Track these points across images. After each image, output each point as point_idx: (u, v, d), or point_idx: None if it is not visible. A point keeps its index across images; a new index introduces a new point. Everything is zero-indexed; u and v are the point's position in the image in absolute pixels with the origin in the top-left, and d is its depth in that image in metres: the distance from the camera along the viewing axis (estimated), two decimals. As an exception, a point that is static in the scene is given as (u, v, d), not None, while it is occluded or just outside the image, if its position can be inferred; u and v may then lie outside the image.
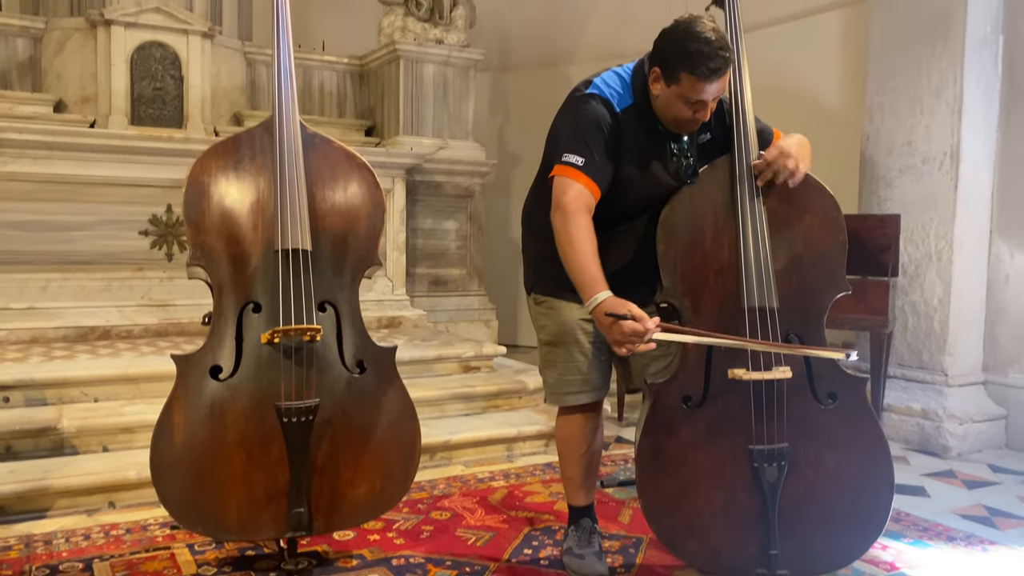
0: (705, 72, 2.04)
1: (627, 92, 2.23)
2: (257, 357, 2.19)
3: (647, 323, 1.95)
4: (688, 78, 2.06)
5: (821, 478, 2.21)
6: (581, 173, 2.15)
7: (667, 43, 2.11)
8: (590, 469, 2.51)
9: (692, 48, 2.03)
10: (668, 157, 2.25)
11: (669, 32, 2.11)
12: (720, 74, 2.06)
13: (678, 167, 2.26)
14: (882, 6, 4.32)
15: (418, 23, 5.82)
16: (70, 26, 5.02)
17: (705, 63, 2.03)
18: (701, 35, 2.04)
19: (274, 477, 2.19)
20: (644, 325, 1.94)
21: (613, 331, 1.98)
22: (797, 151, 2.20)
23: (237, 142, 2.31)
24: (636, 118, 2.22)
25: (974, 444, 3.97)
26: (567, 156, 2.17)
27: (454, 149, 5.80)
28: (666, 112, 2.18)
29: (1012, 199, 4.09)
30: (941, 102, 4.05)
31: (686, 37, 2.05)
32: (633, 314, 1.95)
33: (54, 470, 2.95)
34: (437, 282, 5.80)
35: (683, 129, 2.21)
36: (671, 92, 2.12)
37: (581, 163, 2.15)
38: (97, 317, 4.24)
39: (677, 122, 2.18)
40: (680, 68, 2.07)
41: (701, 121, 2.17)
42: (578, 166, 2.15)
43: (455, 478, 3.35)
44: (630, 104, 2.22)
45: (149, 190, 4.44)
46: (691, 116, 2.14)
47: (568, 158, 2.16)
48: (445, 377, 4.19)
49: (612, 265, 2.28)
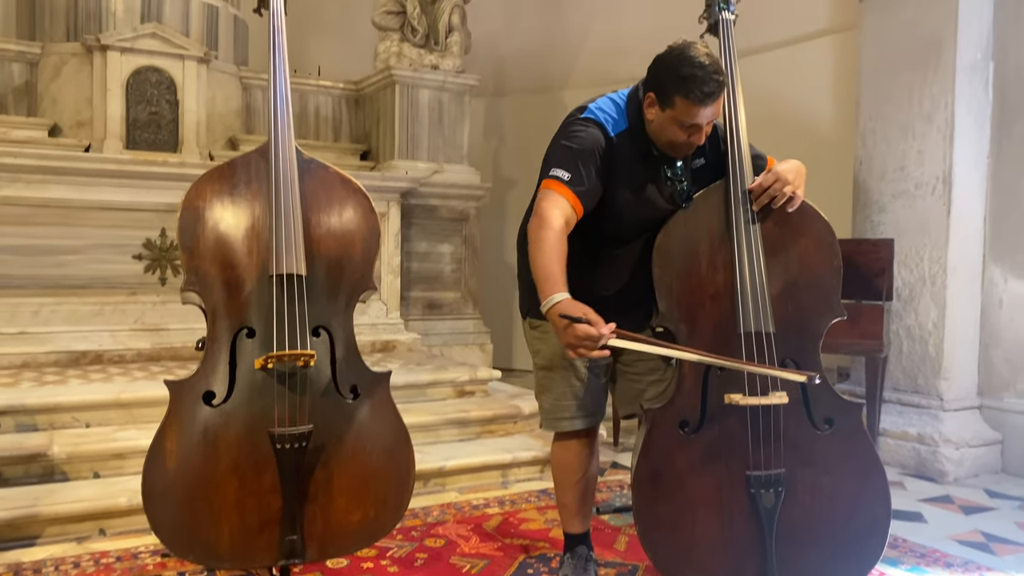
0: (699, 96, 2.05)
1: (621, 117, 2.24)
2: (250, 383, 2.17)
3: (602, 328, 1.89)
4: (683, 102, 2.08)
5: (818, 504, 2.20)
6: (564, 186, 2.15)
7: (661, 68, 2.12)
8: (586, 496, 2.49)
9: (686, 72, 2.05)
10: (663, 181, 2.26)
11: (663, 57, 2.13)
12: (714, 98, 2.07)
13: (672, 191, 2.27)
14: (873, 33, 4.37)
15: (414, 49, 5.86)
16: (66, 51, 5.04)
17: (699, 87, 2.04)
18: (695, 60, 2.05)
19: (267, 504, 2.16)
20: (599, 330, 1.88)
21: (567, 334, 1.92)
22: (794, 176, 2.21)
23: (233, 167, 2.30)
24: (630, 142, 2.23)
25: (970, 469, 3.96)
26: (554, 171, 2.18)
27: (449, 173, 5.82)
28: (661, 136, 2.19)
29: (1004, 224, 4.11)
30: (933, 127, 4.09)
31: (680, 62, 2.07)
32: (588, 318, 1.90)
33: (44, 497, 2.91)
34: (432, 305, 5.79)
35: (678, 153, 2.22)
36: (666, 116, 2.13)
37: (567, 178, 2.15)
38: (89, 342, 4.22)
39: (672, 146, 2.19)
40: (675, 92, 2.08)
41: (696, 145, 2.19)
42: (563, 180, 2.15)
43: (449, 505, 3.32)
44: (625, 129, 2.23)
45: (143, 214, 4.44)
46: (686, 140, 2.15)
47: (555, 172, 2.18)
48: (439, 402, 4.16)
49: (607, 288, 2.29)
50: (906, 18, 4.19)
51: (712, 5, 2.38)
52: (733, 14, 2.36)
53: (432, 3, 5.93)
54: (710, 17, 2.39)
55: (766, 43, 5.25)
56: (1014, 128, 4.07)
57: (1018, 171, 4.05)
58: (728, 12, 2.35)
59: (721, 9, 2.35)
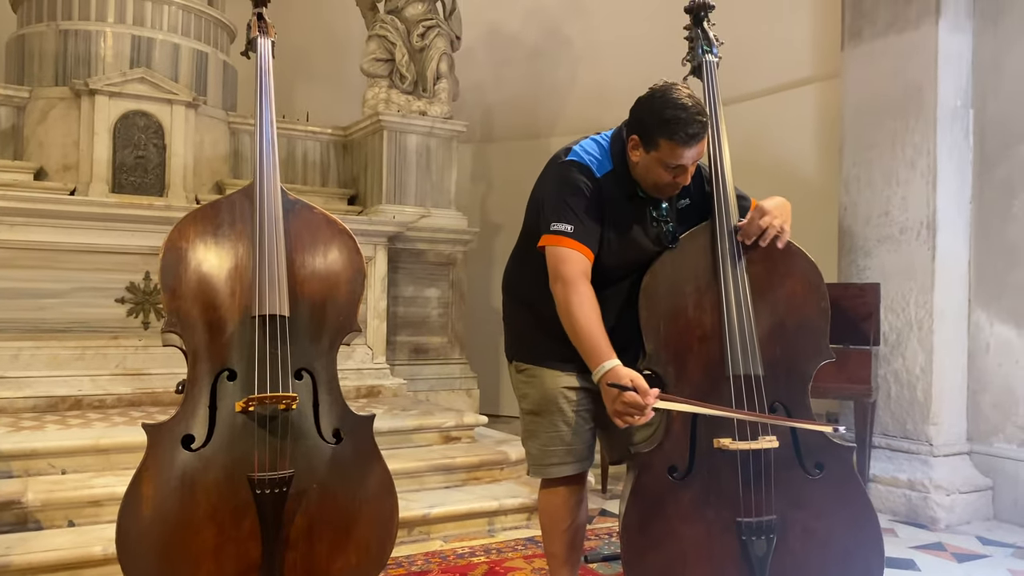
0: (684, 138, 2.06)
1: (606, 158, 2.25)
2: (231, 426, 2.13)
3: (648, 397, 1.97)
4: (667, 144, 2.08)
5: (810, 551, 2.16)
6: (573, 240, 2.16)
7: (644, 111, 2.13)
8: (575, 544, 2.44)
9: (669, 115, 2.06)
10: (648, 222, 2.26)
11: (646, 100, 2.14)
12: (698, 139, 2.08)
13: (658, 232, 2.26)
14: (856, 81, 4.44)
15: (402, 95, 5.91)
16: (54, 95, 5.05)
17: (683, 129, 2.05)
18: (677, 101, 2.06)
19: (246, 551, 2.10)
20: (644, 399, 1.97)
21: (616, 402, 2.02)
22: (779, 212, 2.21)
23: (217, 208, 2.29)
24: (616, 184, 2.23)
25: (962, 515, 3.92)
26: (555, 225, 2.18)
27: (436, 217, 5.83)
28: (646, 178, 2.19)
29: (988, 268, 4.13)
30: (916, 173, 4.13)
31: (663, 104, 2.08)
32: (636, 385, 1.98)
33: (16, 546, 2.83)
34: (418, 350, 5.74)
35: (663, 194, 2.23)
36: (651, 158, 2.14)
37: (571, 230, 2.16)
38: (69, 386, 4.15)
39: (657, 187, 2.20)
40: (658, 135, 2.09)
41: (681, 185, 2.19)
42: (568, 233, 2.16)
43: (434, 553, 3.25)
44: (609, 170, 2.24)
45: (128, 257, 4.40)
46: (671, 180, 2.16)
47: (557, 227, 2.18)
48: (424, 448, 4.10)
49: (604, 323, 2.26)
50: (888, 67, 4.26)
51: (695, 48, 2.41)
52: (716, 56, 2.38)
53: (420, 51, 6.00)
54: (693, 60, 2.41)
55: (750, 91, 5.33)
56: (995, 173, 4.12)
57: (1000, 216, 4.09)
58: (711, 55, 2.37)
59: (704, 52, 2.38)
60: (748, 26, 5.22)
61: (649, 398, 1.97)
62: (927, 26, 4.10)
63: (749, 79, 5.29)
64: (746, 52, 5.25)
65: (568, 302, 2.13)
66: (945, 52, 4.09)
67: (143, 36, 5.25)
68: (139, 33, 5.24)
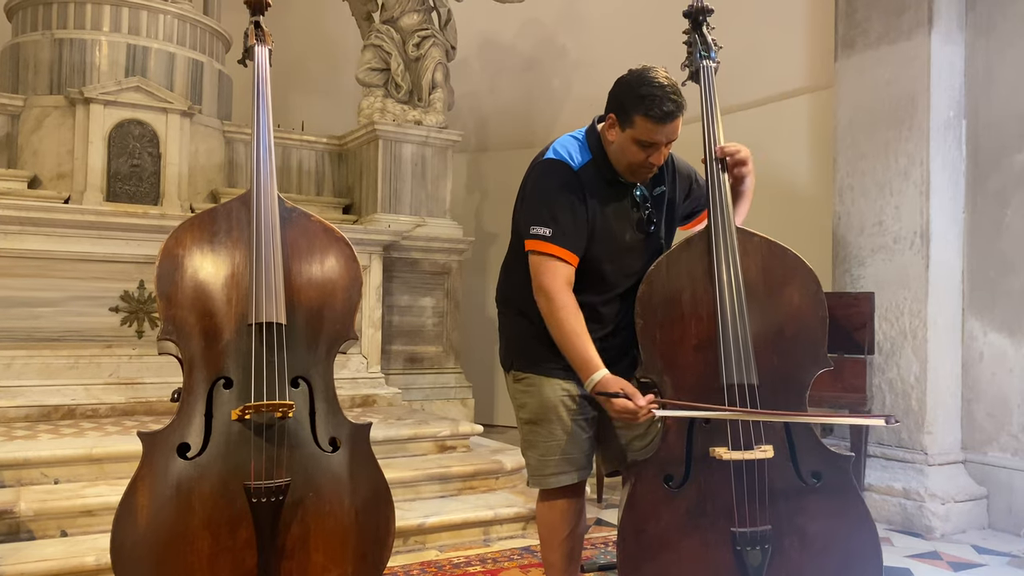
0: (658, 114, 2.10)
1: (583, 150, 2.29)
2: (227, 434, 2.12)
3: (639, 400, 2.02)
4: (642, 120, 2.12)
5: (806, 561, 2.14)
6: (551, 244, 2.19)
7: (622, 89, 2.18)
8: (573, 554, 2.43)
9: (644, 92, 2.11)
10: (631, 207, 2.30)
11: (623, 79, 2.20)
12: (672, 117, 2.12)
13: (640, 217, 2.30)
14: (849, 91, 4.46)
15: (397, 105, 5.92)
16: (49, 104, 5.05)
17: (658, 106, 2.10)
18: (653, 80, 2.12)
19: (241, 561, 2.09)
20: (636, 403, 2.02)
21: (608, 409, 2.11)
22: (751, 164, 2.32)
23: (213, 215, 2.28)
24: (596, 172, 2.27)
25: (957, 524, 3.92)
26: (534, 229, 2.21)
27: (431, 226, 5.83)
28: (621, 159, 2.22)
29: (982, 277, 4.15)
30: (909, 183, 4.15)
31: (639, 82, 2.13)
32: (626, 391, 2.04)
33: (8, 556, 2.80)
34: (413, 359, 5.73)
35: (637, 176, 2.26)
36: (625, 136, 2.17)
37: (549, 234, 2.19)
38: (62, 395, 4.12)
39: (631, 168, 2.23)
40: (634, 111, 2.13)
41: (655, 165, 2.22)
42: (546, 237, 2.19)
43: (429, 563, 3.24)
44: (588, 160, 2.27)
45: (122, 266, 4.39)
46: (645, 160, 2.19)
47: (535, 231, 2.21)
48: (420, 457, 4.09)
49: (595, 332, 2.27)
50: (881, 77, 4.29)
51: (693, 53, 2.41)
52: (715, 61, 2.39)
53: (415, 60, 6.02)
54: (691, 65, 2.42)
55: (744, 102, 5.35)
56: (988, 184, 4.15)
57: (993, 226, 4.11)
58: (709, 60, 2.38)
59: (702, 57, 2.38)
60: (742, 37, 5.24)
61: (640, 400, 2.03)
62: (920, 37, 4.13)
63: (743, 89, 5.31)
64: (740, 63, 5.28)
65: (552, 316, 2.18)
66: (938, 63, 4.11)
67: (138, 45, 5.26)
68: (134, 42, 5.25)
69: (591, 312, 2.29)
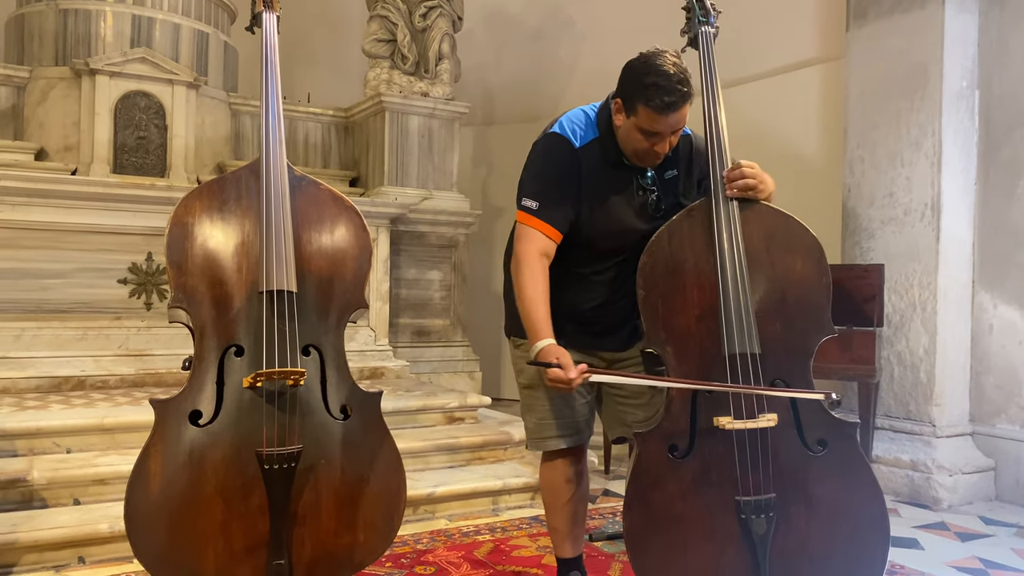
0: (660, 105, 2.05)
1: (591, 127, 2.25)
2: (238, 402, 2.12)
3: (570, 372, 2.01)
4: (644, 110, 2.08)
5: (813, 529, 2.14)
6: (535, 218, 2.19)
7: (629, 74, 2.14)
8: (576, 518, 2.44)
9: (649, 81, 2.06)
10: (633, 191, 2.26)
11: (631, 64, 2.15)
12: (676, 108, 2.07)
13: (643, 201, 2.26)
14: (861, 61, 4.42)
15: (404, 76, 5.88)
16: (54, 75, 5.02)
17: (661, 96, 2.04)
18: (660, 68, 2.06)
19: (254, 527, 2.10)
20: (567, 374, 2.01)
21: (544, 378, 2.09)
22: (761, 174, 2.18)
23: (222, 183, 2.27)
24: (600, 152, 2.23)
25: (964, 496, 3.93)
26: (524, 201, 2.22)
27: (438, 200, 5.81)
28: (627, 144, 2.19)
29: (992, 249, 4.13)
30: (920, 154, 4.12)
31: (645, 69, 2.08)
32: (561, 362, 2.02)
33: (22, 524, 2.83)
34: (420, 332, 5.74)
35: (644, 162, 2.22)
36: (630, 123, 2.14)
37: (535, 207, 2.19)
38: (72, 367, 4.14)
39: (637, 154, 2.19)
40: (637, 100, 2.09)
41: (661, 154, 2.18)
42: (532, 211, 2.20)
43: (439, 532, 3.26)
44: (594, 138, 2.24)
45: (130, 238, 4.39)
46: (649, 148, 2.15)
47: (524, 203, 2.22)
48: (429, 428, 4.11)
49: (589, 305, 2.27)
50: (893, 47, 4.24)
51: (692, 19, 2.37)
52: (714, 27, 2.35)
53: (422, 31, 5.97)
54: (690, 31, 2.38)
55: (752, 73, 5.30)
56: (999, 155, 4.11)
57: (1005, 197, 4.08)
58: (708, 25, 2.34)
59: (701, 23, 2.34)
60: (752, 8, 5.19)
61: (571, 372, 2.01)
62: (933, 6, 4.07)
63: (753, 61, 5.27)
64: (750, 34, 5.23)
65: (519, 280, 2.18)
66: (951, 32, 4.06)
67: (143, 15, 5.22)
68: (139, 12, 5.21)
69: (583, 283, 2.30)
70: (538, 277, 2.16)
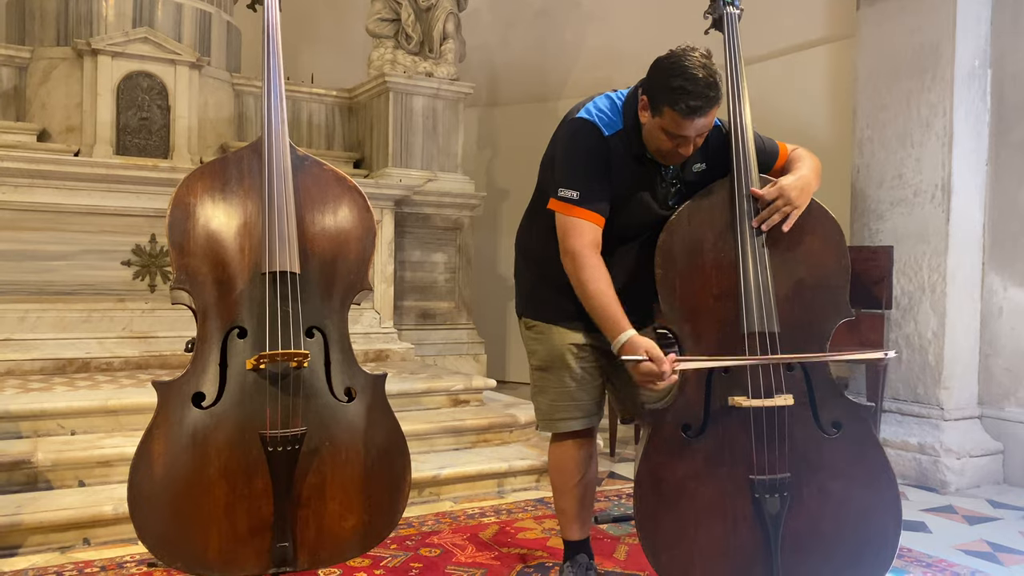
0: (686, 110, 2.01)
1: (617, 117, 2.20)
2: (242, 384, 2.11)
3: (663, 364, 1.98)
4: (670, 113, 2.04)
5: (825, 510, 2.14)
6: (580, 208, 2.14)
7: (657, 73, 2.08)
8: (584, 500, 2.43)
9: (676, 84, 2.01)
10: (657, 184, 2.22)
11: (660, 62, 2.09)
12: (702, 112, 2.02)
13: (667, 194, 2.23)
14: (871, 41, 4.35)
15: (408, 56, 5.82)
16: (56, 56, 4.98)
17: (686, 101, 2.00)
18: (688, 71, 2.00)
19: (257, 509, 2.09)
20: (660, 367, 1.98)
21: (633, 373, 2.04)
22: (797, 194, 2.14)
23: (224, 163, 2.25)
24: (625, 143, 2.18)
25: (972, 479, 3.91)
26: (562, 191, 2.16)
27: (443, 181, 5.77)
28: (651, 142, 2.15)
29: (1003, 231, 4.08)
30: (931, 135, 4.06)
31: (673, 71, 2.02)
32: (651, 355, 1.99)
33: (27, 505, 2.83)
34: (425, 315, 5.72)
35: (668, 160, 2.17)
36: (655, 123, 2.09)
37: (577, 197, 2.14)
38: (76, 349, 4.13)
39: (660, 153, 2.15)
40: (663, 102, 2.04)
41: (685, 156, 2.14)
42: (575, 201, 2.14)
43: (444, 514, 3.25)
44: (620, 129, 2.19)
45: (133, 219, 4.37)
46: (672, 148, 2.11)
47: (563, 193, 2.16)
48: (434, 411, 4.09)
49: None
50: (904, 26, 4.17)
51: (716, 0, 2.33)
52: (738, 8, 2.31)
53: (426, 11, 5.91)
54: (715, 12, 2.34)
55: (762, 53, 5.24)
56: (1012, 136, 4.06)
57: (1016, 179, 4.03)
58: (733, 7, 2.30)
59: (726, 3, 2.30)
60: (761, -15, 5.12)
61: (664, 365, 1.98)
62: (946, -17, 4.01)
63: (761, 40, 5.19)
64: (759, 13, 5.15)
65: (580, 277, 2.13)
66: (964, 11, 3.99)
67: (145, -5, 5.17)
68: (141, -8, 5.16)
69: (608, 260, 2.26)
70: (600, 270, 2.13)
